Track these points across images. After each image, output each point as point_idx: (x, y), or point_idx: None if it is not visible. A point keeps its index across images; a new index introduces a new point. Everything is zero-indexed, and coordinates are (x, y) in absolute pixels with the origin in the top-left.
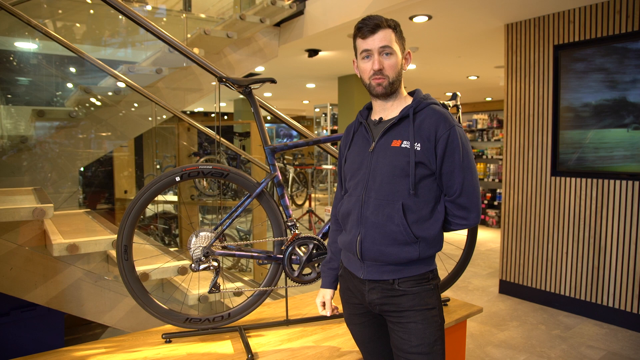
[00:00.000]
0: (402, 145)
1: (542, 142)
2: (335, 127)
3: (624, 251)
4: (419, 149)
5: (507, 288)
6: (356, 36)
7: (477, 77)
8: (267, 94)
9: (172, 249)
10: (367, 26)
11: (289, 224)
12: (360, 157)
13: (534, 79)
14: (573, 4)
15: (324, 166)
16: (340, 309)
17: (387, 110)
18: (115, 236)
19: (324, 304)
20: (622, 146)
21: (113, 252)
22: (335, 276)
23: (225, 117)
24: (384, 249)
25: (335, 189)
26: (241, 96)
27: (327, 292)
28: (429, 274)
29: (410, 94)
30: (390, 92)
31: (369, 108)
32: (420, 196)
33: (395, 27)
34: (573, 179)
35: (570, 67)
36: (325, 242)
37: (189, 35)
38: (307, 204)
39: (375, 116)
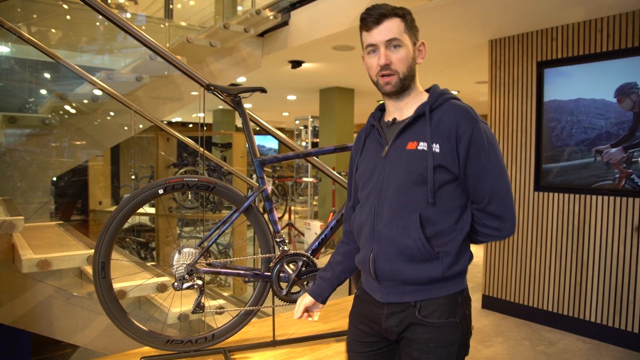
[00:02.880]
0: (419, 148)
1: (526, 157)
2: (317, 140)
3: (605, 266)
4: (437, 150)
5: (490, 303)
6: (361, 29)
7: (458, 92)
8: (247, 105)
9: (148, 263)
10: (371, 17)
11: (277, 240)
12: (373, 163)
13: (517, 94)
14: (556, 22)
15: (304, 179)
16: (317, 328)
17: (401, 110)
18: (91, 251)
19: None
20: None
21: (88, 268)
22: (323, 287)
23: (204, 128)
24: (400, 268)
25: (315, 202)
26: (220, 107)
27: (307, 298)
28: (458, 296)
29: (428, 90)
30: (401, 89)
31: (381, 109)
32: (440, 205)
33: (404, 15)
34: (556, 194)
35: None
36: (314, 259)
37: (168, 44)
38: (286, 217)
39: (388, 117)
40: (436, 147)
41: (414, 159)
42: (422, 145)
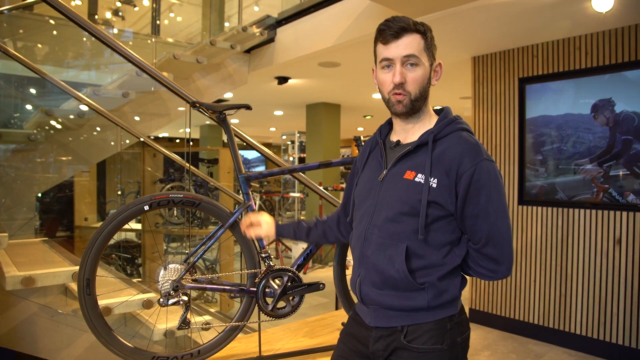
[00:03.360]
0: (416, 179)
1: (509, 171)
2: (303, 155)
3: (589, 279)
4: (434, 185)
5: (477, 316)
6: (377, 40)
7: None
8: (234, 121)
9: (135, 280)
10: (391, 29)
11: (263, 255)
12: (370, 185)
13: (500, 110)
14: (537, 40)
15: (292, 194)
16: (304, 343)
17: (407, 132)
18: (76, 268)
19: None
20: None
21: (73, 285)
22: (288, 232)
23: (191, 143)
24: (386, 296)
25: (302, 217)
26: (207, 122)
27: (270, 226)
28: (446, 321)
29: (438, 111)
30: (411, 111)
31: (390, 122)
32: (430, 240)
33: (425, 32)
34: (539, 208)
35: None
36: (300, 274)
37: (155, 60)
38: None
39: (394, 137)
40: (433, 182)
41: (409, 189)
42: (420, 178)
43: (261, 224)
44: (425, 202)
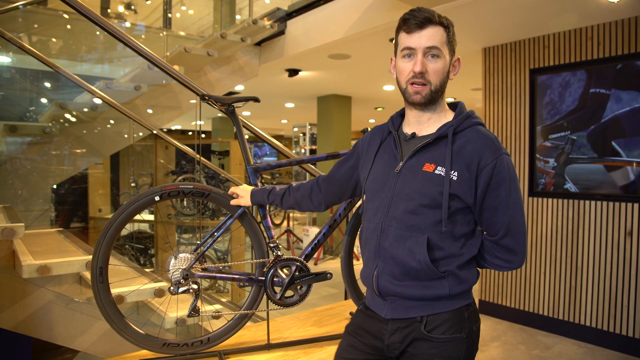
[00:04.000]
0: (436, 172)
1: (520, 163)
2: (314, 147)
3: (599, 271)
4: (455, 178)
5: (486, 308)
6: (400, 29)
7: (454, 99)
8: (246, 113)
9: (147, 270)
10: (416, 19)
11: (271, 245)
12: (384, 177)
13: (511, 101)
14: (548, 30)
15: None
16: (312, 332)
17: (422, 124)
18: (90, 257)
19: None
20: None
21: (87, 274)
22: (262, 199)
23: (203, 136)
24: (406, 287)
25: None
26: (219, 114)
27: (246, 199)
28: (464, 310)
29: (452, 106)
30: (429, 102)
31: (402, 114)
32: (451, 232)
33: (448, 26)
34: (550, 200)
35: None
36: (308, 264)
37: (167, 53)
38: (285, 223)
39: (408, 129)
40: (454, 175)
41: (429, 182)
42: (440, 170)
43: (248, 194)
44: (447, 195)
